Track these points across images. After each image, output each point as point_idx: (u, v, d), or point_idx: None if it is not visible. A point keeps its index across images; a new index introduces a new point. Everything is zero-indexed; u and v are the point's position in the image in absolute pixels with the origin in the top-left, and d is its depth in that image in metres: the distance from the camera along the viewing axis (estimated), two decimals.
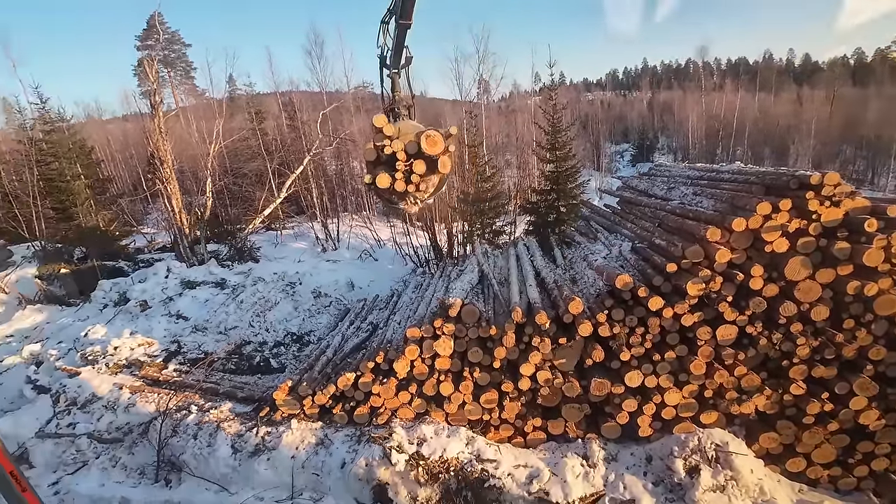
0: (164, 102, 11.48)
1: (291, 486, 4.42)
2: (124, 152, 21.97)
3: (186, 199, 11.29)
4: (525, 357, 4.33)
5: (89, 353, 6.49)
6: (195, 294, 7.96)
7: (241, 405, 5.44)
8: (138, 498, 4.59)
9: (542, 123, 13.58)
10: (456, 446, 4.00)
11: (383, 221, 15.36)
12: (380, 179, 3.67)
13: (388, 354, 4.72)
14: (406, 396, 4.56)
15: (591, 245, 6.73)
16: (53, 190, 10.79)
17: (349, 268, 10.24)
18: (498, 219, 12.91)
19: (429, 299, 5.87)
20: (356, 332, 6.36)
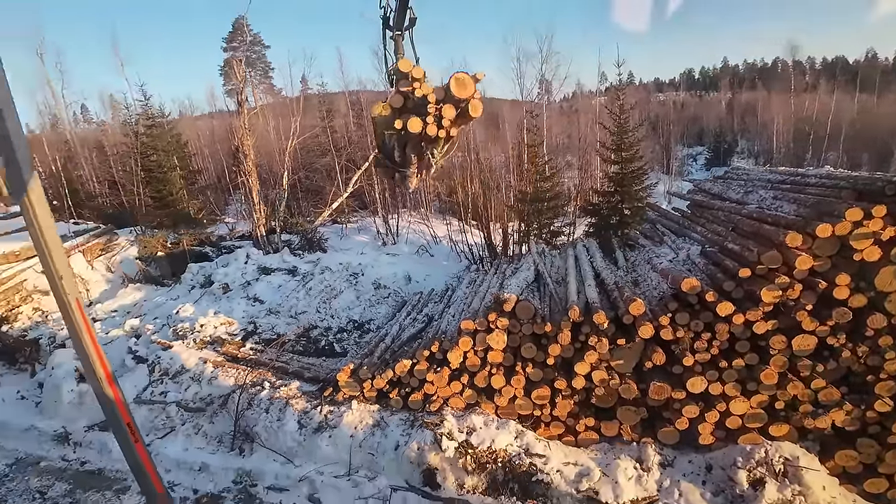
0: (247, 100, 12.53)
1: (349, 464, 4.73)
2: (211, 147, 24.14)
3: (263, 191, 12.25)
4: (580, 356, 4.32)
5: (180, 329, 7.26)
6: (270, 280, 8.66)
7: (308, 384, 5.88)
8: (216, 464, 5.10)
9: (607, 124, 13.15)
10: (505, 438, 4.08)
11: (440, 219, 15.65)
12: (411, 123, 3.33)
13: (443, 345, 4.90)
14: (458, 386, 4.72)
15: (657, 248, 6.51)
16: (152, 180, 12.20)
17: (407, 262, 10.59)
18: (556, 220, 12.72)
19: (483, 294, 5.99)
20: (412, 322, 6.62)
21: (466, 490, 3.96)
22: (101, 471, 5.16)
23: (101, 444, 5.48)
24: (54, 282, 1.88)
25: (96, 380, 2.11)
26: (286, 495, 4.58)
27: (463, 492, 3.98)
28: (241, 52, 32.00)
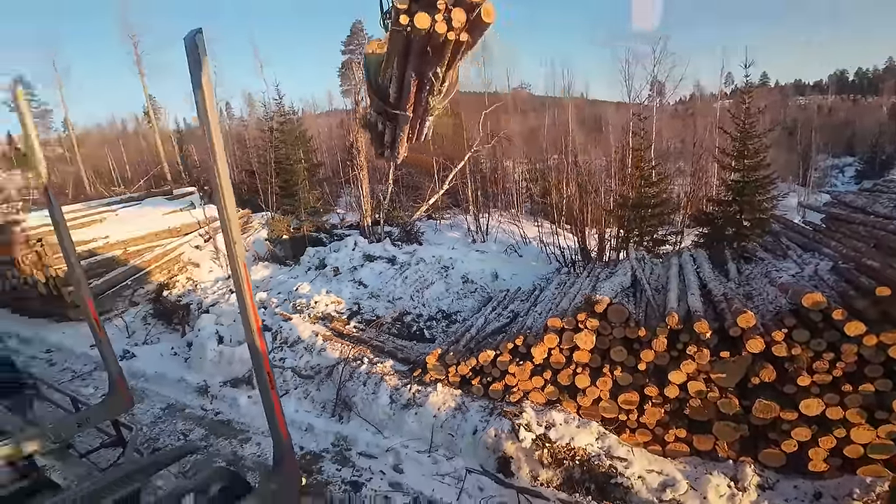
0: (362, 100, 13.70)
1: (430, 441, 5.05)
2: (329, 143, 26.64)
3: (370, 185, 13.33)
4: (676, 365, 4.13)
5: (298, 304, 8.23)
6: (373, 266, 9.47)
7: (400, 364, 6.35)
8: (319, 426, 5.73)
9: (728, 128, 11.94)
10: (585, 438, 4.07)
11: (530, 220, 15.55)
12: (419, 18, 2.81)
13: (527, 339, 5.00)
14: (539, 381, 4.78)
15: (778, 262, 5.87)
16: (281, 171, 13.94)
17: (495, 260, 10.77)
18: (661, 228, 11.90)
19: (573, 295, 5.94)
20: (498, 317, 6.80)
21: (540, 482, 4.02)
22: (229, 421, 6.02)
23: (231, 399, 6.42)
24: (230, 246, 2.35)
25: (250, 332, 2.52)
26: (374, 462, 5.03)
27: (536, 483, 4.05)
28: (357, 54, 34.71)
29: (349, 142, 13.48)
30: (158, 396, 6.67)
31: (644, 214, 11.26)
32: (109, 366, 3.99)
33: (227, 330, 7.75)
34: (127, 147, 31.12)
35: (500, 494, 4.13)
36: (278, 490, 2.96)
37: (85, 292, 3.67)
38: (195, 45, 2.09)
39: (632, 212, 11.18)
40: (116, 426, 4.47)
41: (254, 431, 5.79)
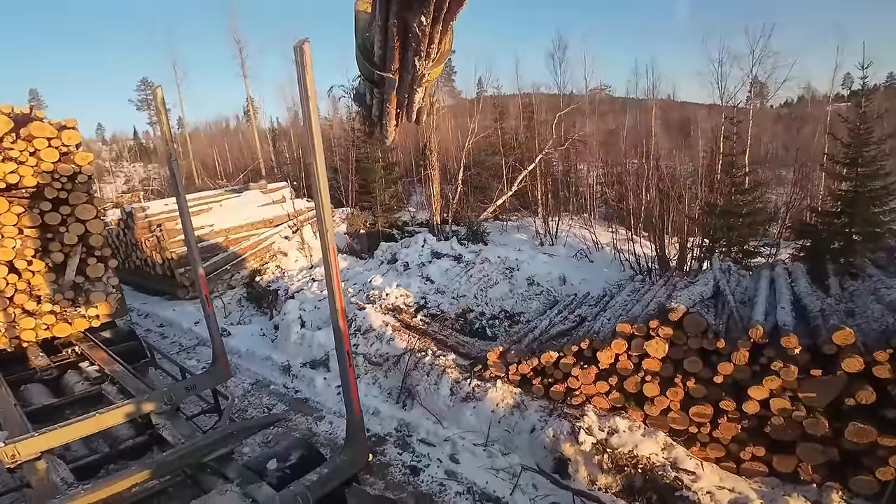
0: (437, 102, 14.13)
1: (487, 435, 5.14)
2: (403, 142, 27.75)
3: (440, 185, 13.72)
4: (758, 380, 3.85)
5: (371, 295, 8.75)
6: (440, 263, 9.78)
7: (461, 358, 6.52)
8: (385, 411, 6.05)
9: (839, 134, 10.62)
10: (650, 447, 3.92)
11: (604, 226, 14.99)
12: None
13: (594, 343, 4.91)
14: (604, 387, 4.68)
15: (890, 279, 5.19)
16: (361, 169, 14.88)
17: (563, 264, 10.56)
18: (753, 238, 10.93)
19: (646, 303, 5.70)
20: (563, 320, 6.69)
21: (598, 487, 3.95)
22: (307, 400, 6.53)
23: (309, 379, 6.96)
24: (323, 234, 2.59)
25: (335, 312, 2.73)
26: (432, 450, 5.23)
27: (594, 487, 3.98)
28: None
29: (422, 143, 13.99)
30: (248, 372, 7.39)
31: (733, 223, 10.43)
32: (214, 340, 4.60)
33: (308, 315, 8.43)
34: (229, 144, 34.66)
35: (555, 494, 4.12)
36: (348, 462, 3.22)
37: (200, 272, 4.27)
38: (302, 52, 2.26)
39: (719, 220, 10.40)
40: (215, 395, 5.12)
41: (327, 411, 6.24)
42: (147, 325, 9.73)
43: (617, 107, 26.76)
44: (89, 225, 5.53)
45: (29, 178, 4.96)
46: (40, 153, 5.03)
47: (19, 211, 4.98)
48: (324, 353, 7.48)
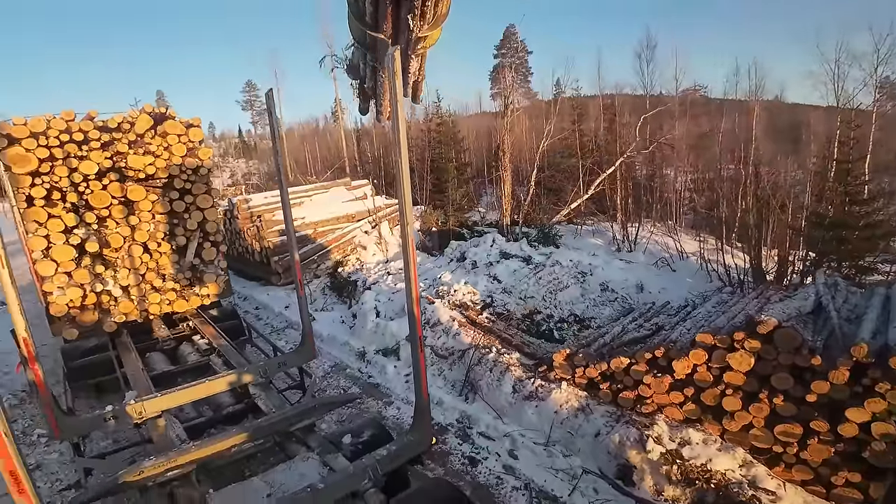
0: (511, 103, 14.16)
1: (548, 435, 5.12)
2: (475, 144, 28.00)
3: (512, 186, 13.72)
4: (858, 402, 3.46)
5: (440, 290, 9.01)
6: (508, 264, 9.81)
7: (526, 358, 6.52)
8: (447, 402, 6.26)
9: None
10: (726, 463, 3.68)
11: (690, 234, 13.96)
12: None
13: (670, 352, 4.69)
14: (678, 397, 4.45)
15: None
16: (435, 169, 15.39)
17: (642, 271, 10.06)
18: (870, 253, 9.60)
19: (733, 315, 5.30)
20: (638, 328, 6.42)
21: (665, 498, 3.78)
22: (378, 385, 6.91)
23: (381, 366, 7.38)
24: (403, 227, 2.77)
25: (411, 299, 2.89)
26: (492, 444, 5.32)
27: (659, 498, 3.82)
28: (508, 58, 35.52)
29: (495, 143, 14.09)
30: (329, 356, 7.96)
31: (846, 236, 9.25)
32: (303, 322, 5.10)
33: (382, 306, 8.92)
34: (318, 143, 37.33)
35: (617, 500, 4.01)
36: (414, 443, 3.43)
37: (297, 259, 4.78)
38: (392, 59, 2.41)
39: (828, 232, 9.28)
40: (301, 373, 5.67)
41: (395, 397, 6.57)
42: (245, 306, 10.87)
43: (712, 108, 24.68)
44: (207, 213, 6.38)
45: (162, 169, 5.88)
46: (171, 148, 5.92)
47: (153, 199, 5.92)
48: (395, 342, 7.88)
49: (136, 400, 4.20)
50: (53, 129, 5.21)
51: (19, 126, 5.08)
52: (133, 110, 5.76)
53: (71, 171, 5.33)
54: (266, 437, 3.97)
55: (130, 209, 5.83)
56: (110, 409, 4.07)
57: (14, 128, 5.06)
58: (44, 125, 5.17)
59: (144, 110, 5.84)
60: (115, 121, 5.64)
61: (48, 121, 5.22)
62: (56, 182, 5.29)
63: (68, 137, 5.28)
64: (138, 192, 5.77)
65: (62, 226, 5.43)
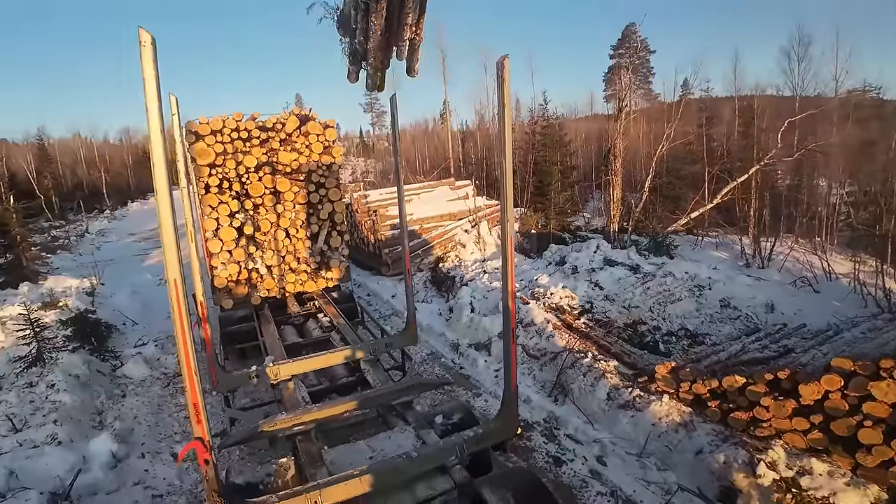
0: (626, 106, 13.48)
1: (642, 446, 4.89)
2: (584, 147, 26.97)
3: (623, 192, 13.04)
4: None
5: (535, 292, 9.02)
6: (612, 271, 9.39)
7: (624, 367, 6.25)
8: (535, 401, 6.22)
9: None
10: (854, 499, 3.19)
11: (844, 253, 11.80)
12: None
13: (797, 375, 4.17)
14: (803, 424, 3.93)
15: None
16: (537, 171, 15.26)
17: (774, 290, 8.83)
18: None
19: (884, 342, 4.49)
20: (761, 348, 5.73)
21: None
22: (468, 377, 7.16)
23: (473, 359, 7.63)
24: (504, 224, 2.86)
25: (506, 294, 2.97)
26: (579, 447, 5.22)
27: None
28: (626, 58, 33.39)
29: (606, 147, 13.51)
30: (426, 345, 8.39)
31: None
32: (409, 308, 5.57)
33: (477, 303, 9.21)
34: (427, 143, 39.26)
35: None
36: (500, 428, 3.56)
37: (407, 250, 5.28)
38: (502, 67, 2.50)
39: None
40: (403, 355, 6.19)
41: (484, 390, 6.75)
42: (358, 292, 11.95)
43: (887, 112, 20.38)
44: (336, 205, 7.29)
45: (304, 165, 6.89)
46: (311, 146, 6.90)
47: (296, 190, 6.96)
48: (487, 337, 8.09)
49: (273, 364, 4.92)
50: (227, 128, 6.44)
51: (203, 125, 6.39)
52: (284, 112, 6.85)
53: (237, 164, 6.55)
54: (371, 408, 4.40)
55: (278, 199, 6.91)
56: (254, 370, 4.86)
57: (199, 126, 6.37)
58: (220, 124, 6.42)
59: (293, 113, 6.91)
60: (271, 121, 6.75)
61: (223, 121, 6.47)
62: (226, 173, 6.54)
63: (237, 135, 6.48)
64: (285, 184, 6.84)
65: (228, 210, 6.67)
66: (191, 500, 4.61)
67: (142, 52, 2.07)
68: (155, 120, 2.15)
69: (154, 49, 2.09)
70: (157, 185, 2.25)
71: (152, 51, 2.08)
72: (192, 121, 6.41)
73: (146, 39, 2.05)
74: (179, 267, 2.40)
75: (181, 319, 2.37)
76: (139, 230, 23.46)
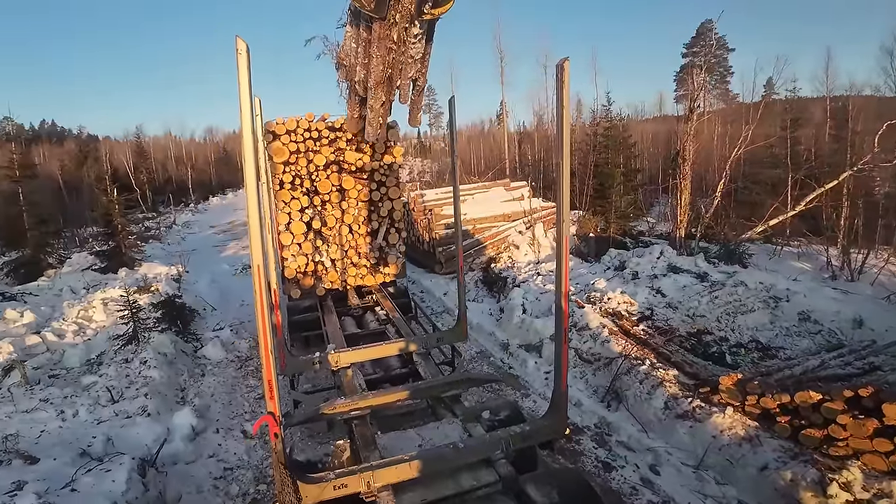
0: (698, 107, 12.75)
1: (700, 458, 4.68)
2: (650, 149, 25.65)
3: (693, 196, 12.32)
4: None
5: (591, 296, 8.80)
6: (677, 278, 8.93)
7: (685, 377, 5.97)
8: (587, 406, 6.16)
9: None
10: None
11: None
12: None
13: (881, 393, 3.80)
14: (885, 445, 3.59)
15: None
16: (598, 174, 14.72)
17: (864, 305, 7.94)
18: None
19: None
20: (843, 365, 5.25)
21: None
22: (517, 377, 7.17)
23: (522, 360, 7.63)
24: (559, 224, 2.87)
25: (559, 294, 2.98)
26: (631, 454, 5.09)
27: None
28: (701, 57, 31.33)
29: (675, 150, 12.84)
30: (475, 343, 8.52)
31: None
32: (460, 305, 5.70)
33: (529, 304, 9.16)
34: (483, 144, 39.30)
35: None
36: (548, 427, 3.56)
37: (461, 248, 5.42)
38: (562, 70, 2.54)
39: None
40: (453, 351, 6.35)
41: (533, 391, 6.73)
42: (412, 289, 12.31)
43: None
44: (395, 203, 7.61)
45: (368, 164, 7.26)
46: (375, 145, 7.24)
47: (359, 188, 7.36)
48: (538, 339, 8.04)
49: (335, 352, 5.24)
50: (300, 128, 6.95)
51: (280, 125, 6.94)
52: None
53: (308, 162, 7.05)
54: (422, 399, 4.58)
55: (343, 196, 7.35)
56: (317, 356, 5.22)
57: (277, 126, 6.92)
58: (294, 125, 6.95)
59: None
60: (339, 122, 7.19)
61: (297, 121, 6.99)
62: (298, 171, 7.07)
63: (308, 135, 6.98)
64: (349, 181, 7.26)
65: (299, 206, 7.20)
66: (256, 474, 5.01)
67: (238, 59, 2.31)
68: (247, 120, 2.39)
69: (248, 56, 2.34)
70: (247, 179, 2.47)
71: (247, 58, 2.33)
72: (269, 121, 6.96)
73: (242, 48, 2.30)
74: (262, 254, 2.58)
75: (262, 302, 2.55)
76: (218, 223, 25.71)
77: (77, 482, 3.96)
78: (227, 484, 4.84)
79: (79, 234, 18.97)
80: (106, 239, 14.36)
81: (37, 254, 14.18)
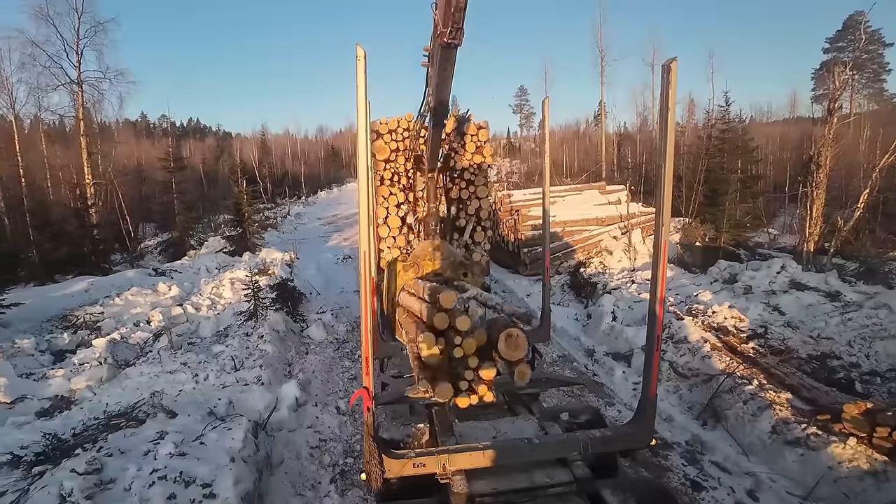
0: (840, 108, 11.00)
1: (810, 489, 4.24)
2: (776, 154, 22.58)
3: (828, 208, 10.71)
4: None
5: (693, 308, 8.11)
6: (800, 296, 7.89)
7: (799, 402, 5.35)
8: (679, 422, 5.86)
9: None
10: None
11: None
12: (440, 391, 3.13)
13: None
14: None
15: None
16: (709, 179, 13.34)
17: None
18: None
19: None
20: None
21: None
22: (602, 384, 6.92)
23: (609, 368, 7.35)
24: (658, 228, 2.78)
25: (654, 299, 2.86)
26: (726, 476, 4.72)
27: None
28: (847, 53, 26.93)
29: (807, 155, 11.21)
30: (558, 346, 8.38)
31: None
32: (544, 306, 5.65)
33: (620, 312, 8.76)
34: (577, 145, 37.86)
35: None
36: (631, 435, 3.32)
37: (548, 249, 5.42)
38: (669, 70, 2.49)
39: None
40: (534, 351, 6.31)
41: (618, 401, 6.46)
42: (495, 288, 12.42)
43: None
44: (482, 202, 7.76)
45: (458, 162, 7.54)
46: (466, 145, 7.48)
47: (449, 186, 7.66)
48: (628, 348, 7.66)
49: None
50: (400, 127, 7.43)
51: (382, 125, 7.47)
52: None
53: (405, 160, 7.52)
54: (499, 393, 4.50)
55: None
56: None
57: (380, 126, 7.46)
58: (395, 124, 7.44)
59: (453, 114, 7.60)
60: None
61: (398, 121, 7.48)
62: (396, 168, 7.56)
63: (407, 134, 7.43)
64: (441, 179, 7.59)
65: (396, 201, 7.70)
66: (346, 448, 5.52)
67: (356, 65, 2.60)
68: (362, 120, 2.66)
69: (365, 62, 2.64)
70: (360, 176, 2.75)
71: (364, 64, 2.63)
72: (374, 121, 7.54)
73: (360, 54, 2.59)
74: (369, 242, 2.84)
75: (366, 284, 2.78)
76: (324, 215, 28.30)
77: (205, 436, 4.54)
78: (321, 454, 5.38)
79: (214, 220, 22.24)
80: (235, 225, 16.67)
81: (183, 236, 16.98)
